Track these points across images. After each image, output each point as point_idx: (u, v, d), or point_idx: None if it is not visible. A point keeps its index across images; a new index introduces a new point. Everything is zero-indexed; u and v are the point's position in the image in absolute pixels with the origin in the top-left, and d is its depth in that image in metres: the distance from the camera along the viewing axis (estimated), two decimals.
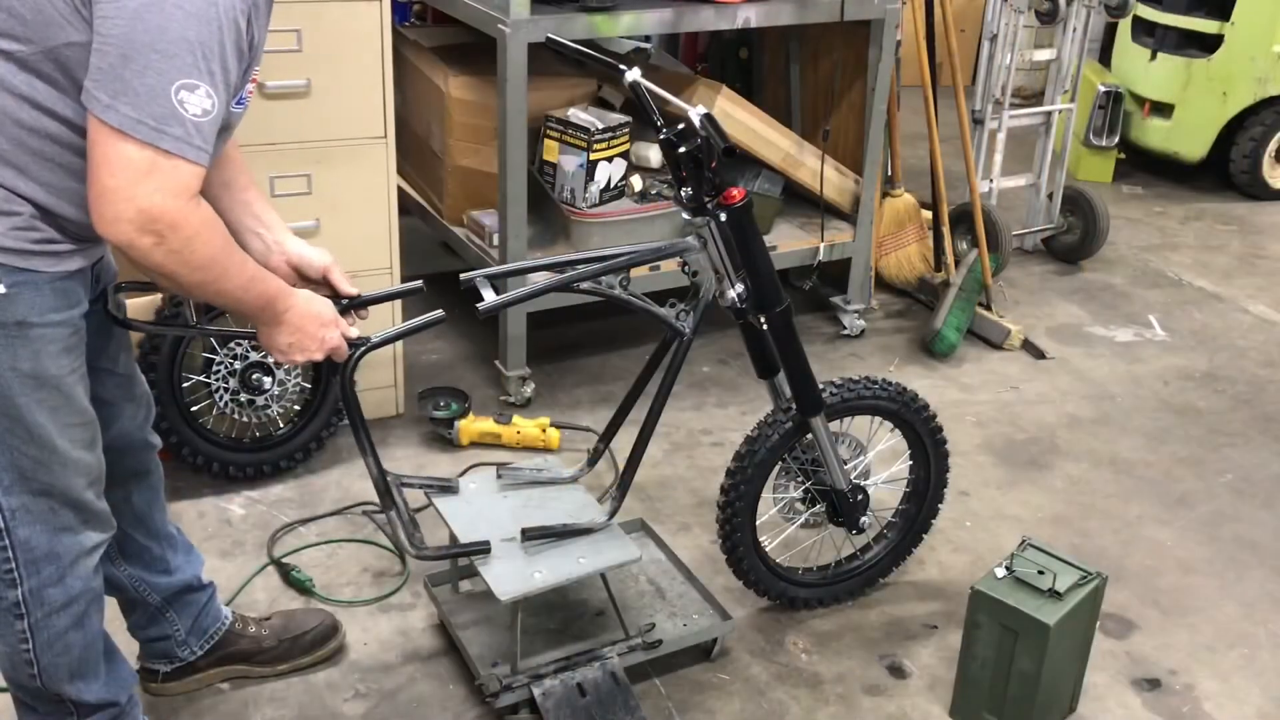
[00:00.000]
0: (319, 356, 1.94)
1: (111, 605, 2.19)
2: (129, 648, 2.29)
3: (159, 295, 2.81)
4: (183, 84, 1.56)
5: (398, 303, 3.24)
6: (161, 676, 2.36)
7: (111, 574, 2.16)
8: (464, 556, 2.37)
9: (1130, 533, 3.08)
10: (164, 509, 2.24)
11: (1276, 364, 4.03)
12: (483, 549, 2.30)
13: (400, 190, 3.73)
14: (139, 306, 2.80)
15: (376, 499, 2.35)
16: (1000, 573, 2.34)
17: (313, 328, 1.92)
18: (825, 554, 2.78)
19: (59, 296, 1.73)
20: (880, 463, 2.84)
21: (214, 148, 1.66)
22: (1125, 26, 5.68)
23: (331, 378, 2.06)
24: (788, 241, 3.85)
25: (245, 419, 3.00)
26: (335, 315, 1.97)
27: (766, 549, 2.65)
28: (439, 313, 2.11)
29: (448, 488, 2.49)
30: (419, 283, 2.23)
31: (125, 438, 2.07)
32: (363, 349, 2.04)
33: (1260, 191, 5.56)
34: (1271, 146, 5.47)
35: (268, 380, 2.98)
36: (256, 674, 2.43)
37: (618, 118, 3.57)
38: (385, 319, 3.25)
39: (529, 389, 3.51)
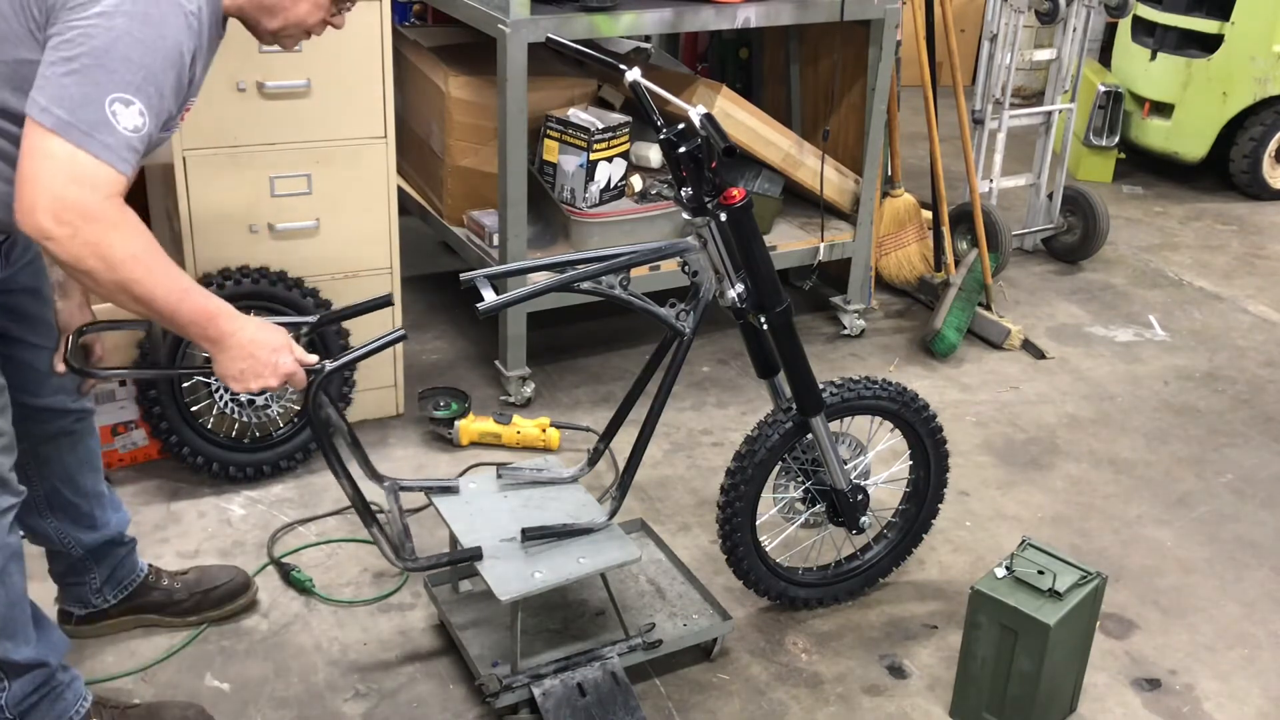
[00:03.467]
0: (274, 384, 1.91)
1: (41, 576, 2.37)
2: (49, 593, 2.46)
3: (132, 333, 2.84)
4: (118, 97, 1.63)
5: (389, 310, 3.24)
6: (75, 619, 2.49)
7: (38, 525, 2.31)
8: (457, 564, 2.38)
9: (1130, 533, 3.08)
10: (96, 469, 2.35)
11: (1276, 364, 4.03)
12: (474, 555, 2.30)
13: (400, 190, 3.74)
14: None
15: (377, 500, 2.35)
16: (1000, 573, 2.34)
17: (264, 354, 1.89)
18: (825, 554, 2.79)
19: None
20: (880, 463, 2.84)
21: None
22: (1125, 26, 5.68)
23: (310, 405, 2.04)
24: (788, 241, 3.85)
25: (245, 419, 3.00)
26: (288, 340, 1.94)
27: (766, 549, 2.65)
28: (400, 331, 2.14)
29: (448, 489, 2.49)
30: (387, 294, 2.21)
31: (56, 402, 2.19)
32: (321, 374, 2.01)
33: (1260, 191, 5.56)
34: (1271, 146, 5.47)
35: None
36: (167, 624, 2.54)
37: (618, 118, 3.57)
38: (386, 325, 3.25)
39: (529, 389, 3.51)
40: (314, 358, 1.99)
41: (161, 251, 1.74)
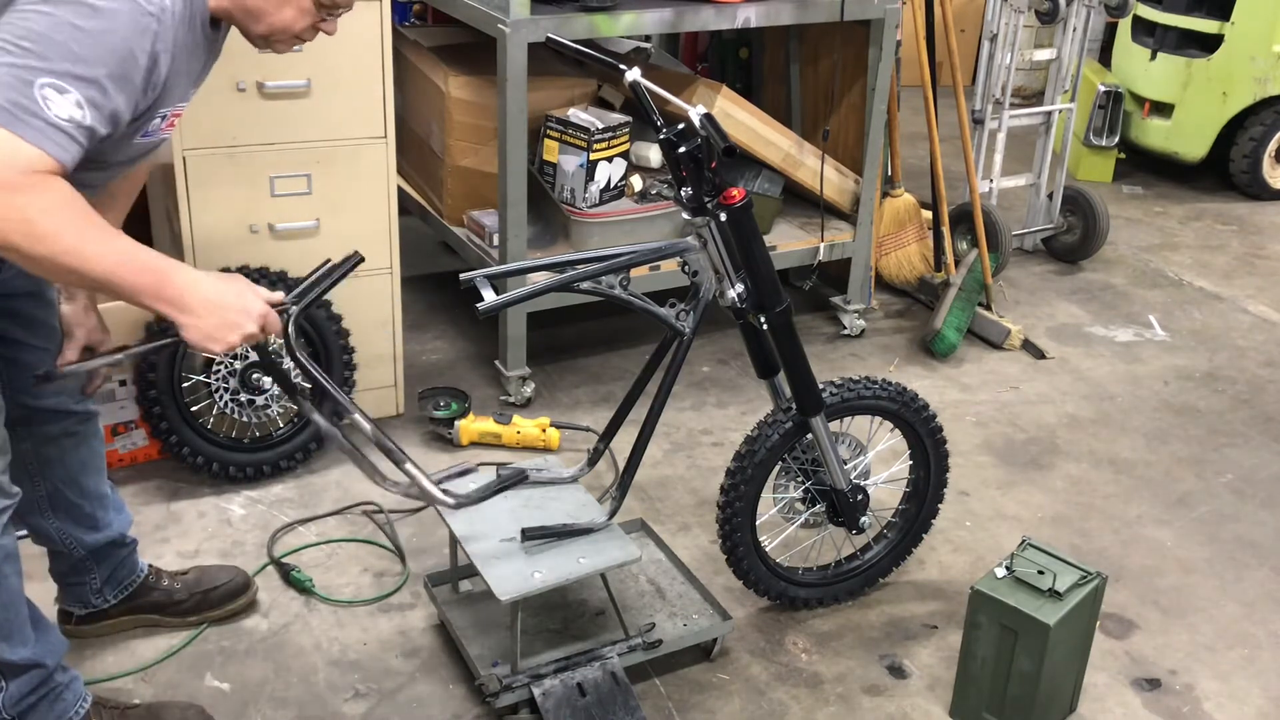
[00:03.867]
0: (253, 329, 1.82)
1: (41, 576, 2.37)
2: (49, 593, 2.46)
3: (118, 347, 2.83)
4: (49, 83, 1.58)
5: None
6: (75, 619, 2.49)
7: (40, 525, 2.31)
8: (504, 490, 2.34)
9: (1130, 533, 3.08)
10: (100, 471, 2.34)
11: (1276, 364, 4.03)
12: (520, 478, 2.31)
13: (400, 190, 3.73)
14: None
15: (376, 499, 2.34)
16: (1000, 573, 2.34)
17: (231, 300, 1.80)
18: (825, 554, 2.79)
19: None
20: (880, 463, 2.84)
21: (111, 171, 1.74)
22: (1125, 26, 5.69)
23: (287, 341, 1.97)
24: (788, 241, 3.85)
25: (245, 419, 2.99)
26: (248, 282, 1.86)
27: (766, 549, 2.65)
28: (357, 255, 2.08)
29: (467, 471, 2.50)
30: (355, 252, 2.12)
31: (59, 404, 2.19)
32: (296, 306, 1.94)
33: (1260, 191, 5.56)
34: (1271, 146, 5.47)
35: (267, 380, 2.98)
36: (167, 624, 2.54)
37: (618, 118, 3.57)
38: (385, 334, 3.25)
39: (529, 389, 3.51)
40: (279, 295, 1.92)
41: (95, 217, 1.66)
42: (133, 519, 2.48)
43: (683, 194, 2.24)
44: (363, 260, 2.09)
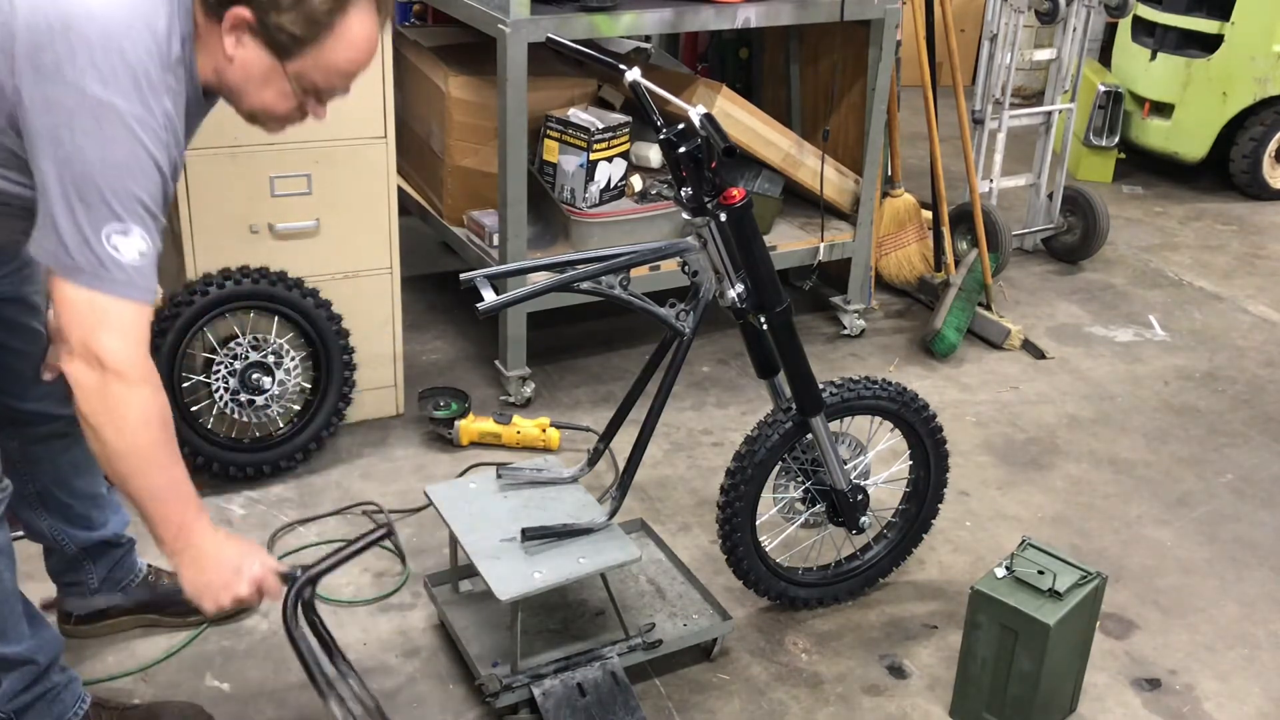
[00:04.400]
0: (245, 593, 1.79)
1: (41, 576, 2.38)
2: (47, 592, 2.43)
3: None
4: (113, 229, 1.60)
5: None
6: (74, 619, 2.48)
7: (33, 521, 2.31)
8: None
9: (1130, 533, 3.08)
10: (92, 473, 2.33)
11: (1276, 364, 4.03)
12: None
13: (400, 190, 3.73)
14: None
15: (376, 499, 2.33)
16: (1000, 573, 2.34)
17: (230, 561, 1.79)
18: (825, 554, 2.78)
19: None
20: (880, 463, 2.84)
21: None
22: (1125, 26, 5.69)
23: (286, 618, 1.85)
24: (788, 241, 3.85)
25: (245, 419, 2.99)
26: (257, 548, 1.85)
27: (766, 549, 2.65)
28: (385, 529, 1.93)
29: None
30: (388, 524, 1.99)
31: (44, 407, 2.18)
32: (298, 583, 1.83)
33: (1260, 191, 5.56)
34: (1271, 146, 5.47)
35: (268, 380, 2.98)
36: (167, 624, 2.54)
37: (618, 118, 3.57)
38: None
39: (529, 389, 3.51)
40: (285, 565, 1.87)
41: (172, 438, 1.70)
42: (129, 519, 2.47)
43: (683, 194, 2.24)
44: (390, 534, 1.95)
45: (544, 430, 3.29)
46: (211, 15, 1.70)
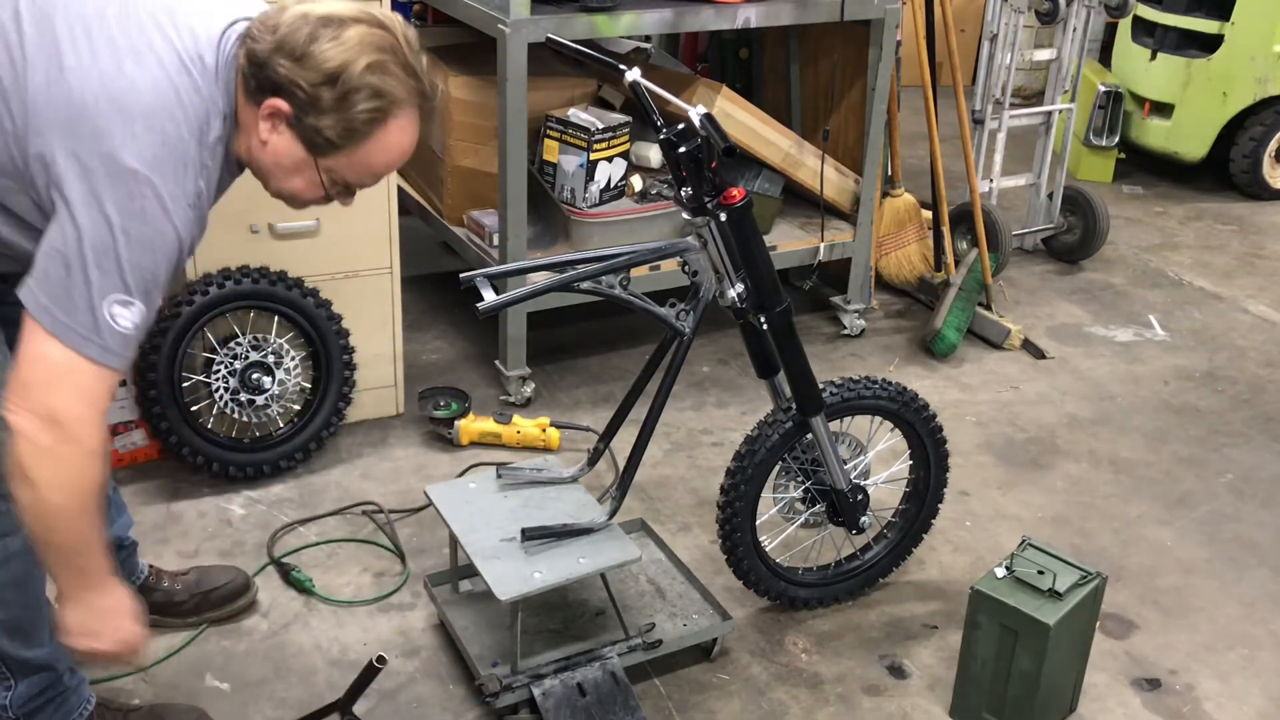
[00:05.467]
0: (106, 648, 1.82)
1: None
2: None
3: None
4: (117, 299, 1.60)
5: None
6: None
7: None
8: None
9: (1130, 533, 3.08)
10: None
11: (1276, 364, 4.03)
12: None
13: (400, 190, 3.73)
14: None
15: (376, 499, 2.34)
16: (1000, 573, 2.34)
17: (108, 616, 1.81)
18: (825, 554, 2.78)
19: None
20: (880, 463, 2.84)
21: None
22: (1125, 26, 5.68)
23: None
24: (788, 241, 3.85)
25: (245, 419, 2.99)
26: (136, 613, 1.85)
27: (766, 549, 2.65)
28: (380, 664, 2.18)
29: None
30: (379, 656, 2.22)
31: None
32: None
33: (1260, 191, 5.56)
34: (1271, 146, 5.47)
35: (268, 380, 2.98)
36: (167, 624, 2.54)
37: (618, 118, 3.57)
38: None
39: (529, 389, 3.51)
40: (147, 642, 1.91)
41: (102, 503, 1.71)
42: (133, 521, 2.48)
43: (683, 194, 2.24)
44: (382, 667, 2.20)
45: (544, 430, 3.29)
46: (251, 99, 1.70)
